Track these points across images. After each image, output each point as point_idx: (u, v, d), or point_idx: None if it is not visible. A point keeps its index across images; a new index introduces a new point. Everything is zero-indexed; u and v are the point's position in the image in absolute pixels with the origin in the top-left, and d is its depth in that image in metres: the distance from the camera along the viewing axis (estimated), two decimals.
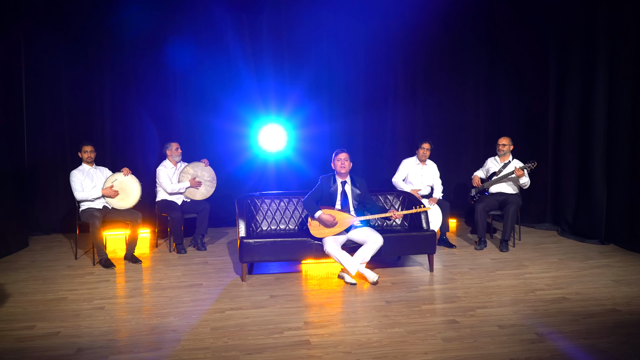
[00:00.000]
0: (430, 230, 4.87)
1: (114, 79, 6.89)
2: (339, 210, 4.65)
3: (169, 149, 6.05)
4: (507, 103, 7.61)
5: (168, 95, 7.07)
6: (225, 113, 7.20)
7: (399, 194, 5.45)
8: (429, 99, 7.84)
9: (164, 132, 6.91)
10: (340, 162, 4.72)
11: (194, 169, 6.04)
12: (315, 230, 4.61)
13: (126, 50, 6.84)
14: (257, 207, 5.15)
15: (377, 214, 4.68)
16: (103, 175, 5.54)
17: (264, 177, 7.44)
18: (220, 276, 4.80)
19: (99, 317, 3.74)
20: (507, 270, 4.91)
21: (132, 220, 5.36)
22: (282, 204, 5.21)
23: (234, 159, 7.28)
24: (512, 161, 6.01)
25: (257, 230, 5.07)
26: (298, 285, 4.49)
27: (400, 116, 7.83)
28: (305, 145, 7.41)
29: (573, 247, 5.84)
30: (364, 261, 4.54)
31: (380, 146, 7.77)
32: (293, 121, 7.37)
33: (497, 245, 5.93)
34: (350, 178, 4.83)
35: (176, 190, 5.88)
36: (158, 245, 6.12)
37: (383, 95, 7.73)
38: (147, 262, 5.38)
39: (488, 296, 4.12)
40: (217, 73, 7.13)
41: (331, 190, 4.73)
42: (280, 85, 7.31)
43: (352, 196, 4.75)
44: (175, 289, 4.43)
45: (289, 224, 5.16)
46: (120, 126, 6.99)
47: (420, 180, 6.13)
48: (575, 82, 6.34)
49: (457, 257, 5.46)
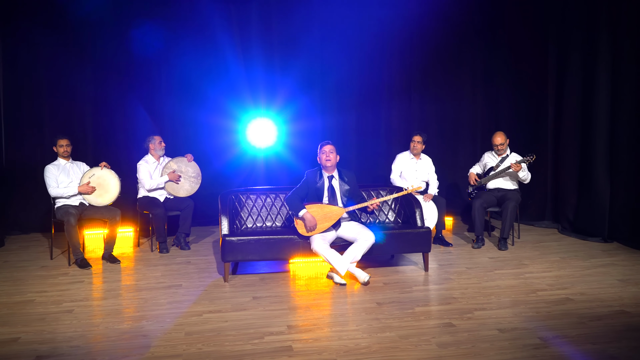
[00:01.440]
0: (425, 227, 4.59)
1: (95, 70, 6.59)
2: (325, 204, 4.37)
3: (151, 143, 5.75)
4: (505, 96, 7.34)
5: (152, 87, 6.78)
6: (212, 106, 6.91)
7: (392, 189, 5.16)
8: (425, 93, 7.58)
9: (147, 125, 6.61)
10: (325, 154, 4.44)
11: (177, 165, 5.75)
12: (303, 228, 4.32)
13: (108, 40, 6.55)
14: (241, 203, 4.86)
15: (359, 203, 4.40)
16: (80, 170, 5.25)
17: (252, 174, 7.14)
18: (202, 277, 4.51)
19: (65, 322, 3.45)
20: (507, 269, 4.63)
21: (111, 217, 5.07)
22: (268, 199, 4.92)
23: (221, 155, 6.98)
24: (510, 155, 5.74)
25: (241, 227, 4.78)
26: (284, 286, 4.20)
27: (395, 111, 7.55)
28: (296, 140, 7.13)
29: (575, 245, 5.57)
30: (355, 260, 4.26)
31: (374, 142, 7.49)
32: (283, 115, 7.08)
33: (496, 243, 5.66)
34: (337, 172, 4.55)
35: (155, 187, 5.58)
36: (140, 245, 5.83)
37: (377, 89, 7.46)
38: (126, 262, 5.09)
39: (487, 297, 3.85)
40: (204, 63, 6.84)
41: (317, 186, 4.45)
42: (269, 77, 7.01)
43: (340, 191, 4.47)
44: (153, 290, 4.14)
45: (275, 220, 4.87)
46: (102, 120, 6.69)
47: (414, 175, 5.86)
48: (576, 73, 6.07)
49: (454, 255, 5.19)
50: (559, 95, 6.44)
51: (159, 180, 5.58)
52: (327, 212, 4.31)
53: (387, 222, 5.00)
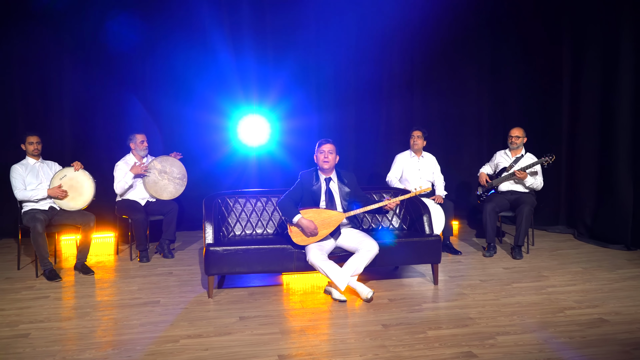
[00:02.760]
0: (434, 235, 4.09)
1: (74, 64, 6.06)
2: (324, 209, 3.87)
3: (133, 142, 5.23)
4: (513, 92, 6.88)
5: (135, 81, 6.24)
6: (199, 101, 6.39)
7: (396, 191, 4.66)
8: (428, 88, 7.10)
9: (130, 122, 6.09)
10: (324, 155, 3.94)
11: (162, 164, 5.24)
12: (297, 236, 3.82)
13: (85, 28, 6.00)
14: (229, 208, 4.35)
15: (368, 205, 3.89)
16: (51, 171, 4.72)
17: (244, 175, 6.63)
18: (184, 291, 4.00)
19: (16, 349, 2.93)
20: (525, 282, 4.14)
21: (84, 223, 4.55)
22: (259, 204, 4.41)
23: (209, 154, 6.47)
24: (525, 155, 5.26)
25: (228, 235, 4.27)
26: (275, 303, 3.70)
27: (396, 107, 7.07)
28: (291, 138, 6.61)
29: (595, 253, 5.09)
30: (356, 273, 3.76)
31: (374, 139, 7.00)
32: (277, 111, 6.57)
33: (508, 251, 5.18)
34: (336, 173, 4.05)
35: (125, 187, 5.04)
36: (120, 252, 5.32)
37: (377, 83, 6.96)
38: (101, 272, 4.57)
39: (508, 317, 3.35)
40: (190, 55, 6.32)
41: (314, 189, 3.95)
42: (262, 69, 6.50)
43: (339, 195, 3.97)
44: (126, 308, 3.63)
45: (266, 227, 4.36)
46: (82, 117, 6.16)
47: (417, 175, 5.37)
48: (595, 67, 5.59)
49: (464, 265, 4.70)
50: (575, 91, 5.96)
51: (126, 178, 5.03)
52: (324, 218, 3.81)
53: (390, 228, 4.50)
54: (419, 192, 3.91)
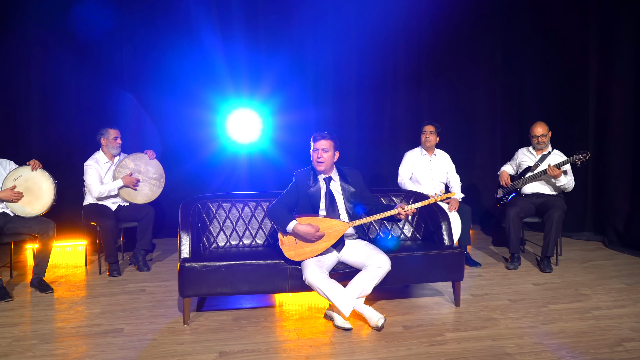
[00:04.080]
0: (456, 247, 3.43)
1: (43, 52, 5.37)
2: (324, 217, 3.20)
3: (104, 137, 4.54)
4: (529, 84, 6.25)
5: (111, 70, 5.57)
6: (183, 93, 5.73)
7: (408, 195, 3.99)
8: (436, 80, 6.46)
9: (104, 116, 5.41)
10: (317, 154, 3.28)
11: (135, 163, 4.56)
12: (291, 249, 3.14)
13: (56, 11, 5.32)
14: (211, 214, 3.66)
15: (379, 213, 3.22)
16: (5, 170, 4.03)
17: (233, 176, 5.98)
18: (155, 315, 3.32)
19: None
20: (564, 302, 3.49)
21: (42, 232, 3.86)
22: (247, 209, 3.73)
23: (194, 153, 5.82)
24: (552, 153, 4.62)
25: (210, 247, 3.59)
26: (265, 333, 3.02)
27: (402, 100, 6.42)
28: (285, 135, 5.95)
29: (635, 265, 4.45)
30: (363, 294, 3.10)
31: (377, 136, 6.35)
32: (270, 105, 5.92)
33: (533, 262, 4.53)
34: (337, 172, 3.39)
35: (106, 193, 4.38)
36: (89, 264, 4.64)
37: (382, 75, 6.31)
38: (62, 289, 3.89)
39: (555, 354, 2.69)
40: (173, 41, 5.66)
41: (311, 192, 3.28)
42: (254, 57, 5.86)
43: (343, 197, 3.30)
44: (81, 338, 2.94)
45: (255, 237, 3.68)
46: (52, 110, 5.48)
47: (429, 176, 4.72)
48: (627, 50, 4.95)
49: (487, 280, 4.04)
50: (604, 83, 5.32)
51: (112, 185, 4.39)
52: (324, 228, 3.14)
53: (402, 238, 3.83)
54: (440, 198, 3.23)
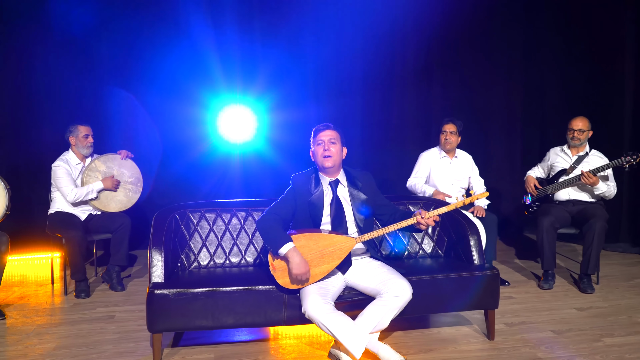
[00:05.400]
0: (489, 268, 2.81)
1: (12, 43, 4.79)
2: (330, 233, 2.57)
3: (73, 135, 3.92)
4: (552, 79, 5.63)
5: (87, 63, 4.96)
6: (168, 87, 5.10)
7: (427, 203, 3.37)
8: (448, 74, 5.82)
9: (77, 114, 4.79)
10: (323, 146, 2.67)
11: (106, 165, 3.94)
12: (285, 275, 2.51)
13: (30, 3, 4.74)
14: (191, 227, 3.04)
15: (395, 223, 2.58)
16: None
17: (225, 179, 5.35)
18: (122, 351, 2.70)
19: None
20: (619, 334, 2.87)
21: None
22: (235, 220, 3.11)
23: (182, 154, 5.19)
24: (590, 153, 4.01)
25: (190, 266, 2.96)
26: None
27: (411, 97, 5.78)
28: (282, 134, 5.31)
29: None
30: (378, 329, 2.47)
31: (383, 135, 5.73)
32: (266, 101, 5.31)
33: (567, 279, 3.92)
34: (345, 174, 2.77)
35: (82, 197, 3.77)
36: (55, 283, 4.02)
37: (388, 69, 5.66)
38: (16, 315, 3.27)
39: None
40: (156, 29, 5.05)
41: (312, 199, 2.66)
42: (248, 47, 5.23)
43: (353, 206, 2.68)
44: None
45: (245, 255, 3.06)
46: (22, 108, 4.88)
47: (448, 181, 4.11)
48: None
49: (520, 303, 3.42)
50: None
51: (90, 187, 3.78)
52: (325, 246, 2.51)
53: (420, 254, 3.21)
54: (471, 200, 2.58)
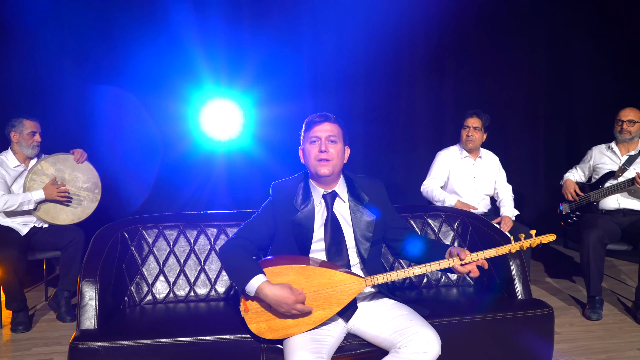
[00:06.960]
0: (541, 305, 2.10)
1: None
2: (328, 267, 1.84)
3: (16, 131, 3.25)
4: (580, 74, 5.19)
5: (41, 48, 4.33)
6: (143, 79, 4.50)
7: (451, 215, 2.66)
8: (462, 66, 5.28)
9: (29, 105, 4.18)
10: (319, 145, 1.95)
11: (56, 167, 3.27)
12: (260, 320, 1.78)
13: None
14: (145, 249, 2.32)
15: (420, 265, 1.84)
16: None
17: (208, 182, 4.77)
18: None
19: None
20: None
21: None
22: (202, 239, 2.39)
23: (158, 153, 4.59)
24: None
25: (141, 301, 2.24)
26: None
27: (421, 92, 5.24)
28: (272, 131, 4.72)
29: None
30: None
31: (389, 135, 5.18)
32: (254, 94, 4.73)
33: (614, 303, 3.22)
34: (345, 183, 2.04)
35: (14, 207, 3.08)
36: None
37: (397, 61, 5.12)
38: None
39: None
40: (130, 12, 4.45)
41: (299, 217, 1.92)
42: (234, 34, 4.66)
43: (356, 230, 1.93)
44: None
45: (215, 284, 2.34)
46: None
47: (471, 186, 3.46)
48: None
49: (567, 341, 2.73)
50: None
51: (24, 196, 3.11)
52: (324, 285, 1.78)
53: (443, 282, 2.50)
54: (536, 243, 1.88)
